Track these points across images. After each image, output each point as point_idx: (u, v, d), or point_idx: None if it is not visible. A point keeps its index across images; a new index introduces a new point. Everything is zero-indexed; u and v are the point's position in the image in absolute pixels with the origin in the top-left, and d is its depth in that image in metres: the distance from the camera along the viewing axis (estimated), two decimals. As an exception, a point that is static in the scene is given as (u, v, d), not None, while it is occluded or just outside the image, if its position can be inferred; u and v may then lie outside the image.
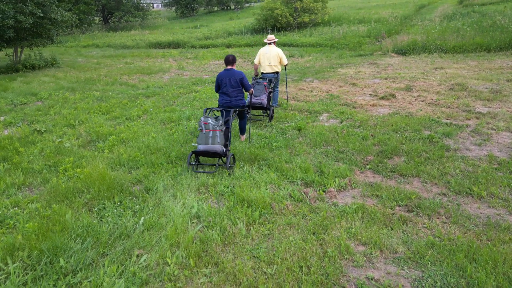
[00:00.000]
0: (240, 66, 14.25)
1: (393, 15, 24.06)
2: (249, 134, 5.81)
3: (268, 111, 6.65)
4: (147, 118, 7.46)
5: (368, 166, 4.67)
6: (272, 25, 22.89)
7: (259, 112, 7.20)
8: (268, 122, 6.66)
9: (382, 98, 7.80)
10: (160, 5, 63.58)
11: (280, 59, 7.08)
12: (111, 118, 7.51)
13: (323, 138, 5.61)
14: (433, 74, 9.94)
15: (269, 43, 7.17)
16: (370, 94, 8.25)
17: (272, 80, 6.91)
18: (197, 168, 4.76)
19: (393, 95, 7.80)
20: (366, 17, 24.14)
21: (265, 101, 6.39)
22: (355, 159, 4.90)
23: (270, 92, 6.63)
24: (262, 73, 7.23)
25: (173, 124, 6.78)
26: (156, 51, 21.14)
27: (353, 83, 9.55)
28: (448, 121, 6.12)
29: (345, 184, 4.22)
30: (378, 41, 17.76)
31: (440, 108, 6.85)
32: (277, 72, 7.18)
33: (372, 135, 5.64)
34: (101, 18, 40.60)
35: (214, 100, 8.67)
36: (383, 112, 6.85)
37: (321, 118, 6.80)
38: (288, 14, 22.15)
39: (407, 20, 23.57)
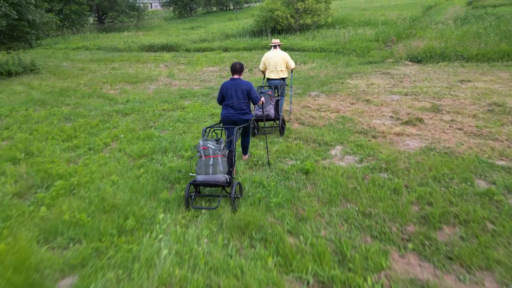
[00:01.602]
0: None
1: (401, 16, 22.59)
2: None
3: (277, 122, 6.15)
4: (115, 148, 5.99)
5: (410, 246, 3.20)
6: (272, 27, 21.42)
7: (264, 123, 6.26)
8: (280, 136, 6.09)
9: (407, 123, 6.32)
10: (158, 5, 62.10)
11: (287, 63, 6.67)
12: (71, 147, 6.03)
13: (339, 190, 4.14)
14: (460, 89, 8.47)
15: (274, 46, 6.79)
16: (391, 117, 6.77)
17: (278, 87, 6.49)
18: (197, 202, 4.07)
19: (420, 120, 6.32)
20: (372, 19, 22.65)
21: (272, 111, 5.93)
22: (389, 230, 3.42)
23: (277, 101, 6.14)
24: (267, 79, 6.81)
25: (144, 161, 5.30)
26: (148, 54, 19.68)
27: (367, 100, 8.08)
28: (504, 162, 4.63)
29: (382, 285, 2.75)
30: (387, 46, 16.30)
31: (485, 140, 5.37)
32: (283, 78, 6.75)
33: (406, 187, 4.17)
34: (96, 19, 39.12)
35: (201, 122, 7.20)
36: (413, 145, 5.37)
37: (333, 152, 5.32)
38: (289, 15, 20.68)
39: (415, 22, 22.13)
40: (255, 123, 6.07)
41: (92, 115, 8.00)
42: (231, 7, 50.44)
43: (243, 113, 4.66)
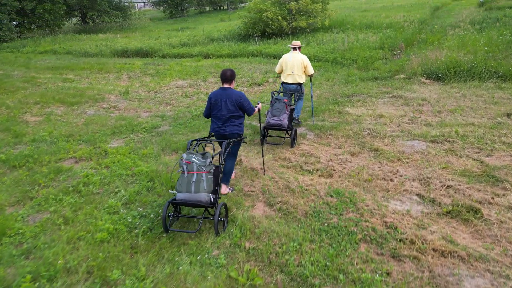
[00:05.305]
0: (217, 86, 9.99)
1: (408, 19, 19.86)
2: None
3: (289, 132, 5.68)
4: None
5: None
6: (262, 30, 18.65)
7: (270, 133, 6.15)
8: (290, 148, 5.58)
9: (450, 214, 3.58)
10: (151, 4, 59.30)
11: (305, 68, 6.32)
12: None
13: None
14: (511, 128, 5.75)
15: (294, 49, 6.45)
16: (420, 196, 4.02)
17: (294, 93, 6.23)
18: (174, 224, 3.64)
19: (476, 211, 3.57)
20: (375, 22, 19.89)
21: (285, 121, 5.50)
22: None
23: (291, 110, 5.68)
24: (282, 83, 6.50)
25: None
26: (117, 61, 16.92)
27: (375, 149, 5.35)
28: None
29: None
30: (395, 55, 13.59)
31: None
32: (300, 84, 6.39)
33: None
34: (79, 19, 36.25)
35: (107, 194, 4.45)
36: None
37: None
38: (280, 17, 17.89)
39: (424, 26, 19.44)
40: (265, 132, 5.74)
41: (-41, 171, 5.26)
42: (226, 7, 47.68)
43: (234, 125, 4.20)
